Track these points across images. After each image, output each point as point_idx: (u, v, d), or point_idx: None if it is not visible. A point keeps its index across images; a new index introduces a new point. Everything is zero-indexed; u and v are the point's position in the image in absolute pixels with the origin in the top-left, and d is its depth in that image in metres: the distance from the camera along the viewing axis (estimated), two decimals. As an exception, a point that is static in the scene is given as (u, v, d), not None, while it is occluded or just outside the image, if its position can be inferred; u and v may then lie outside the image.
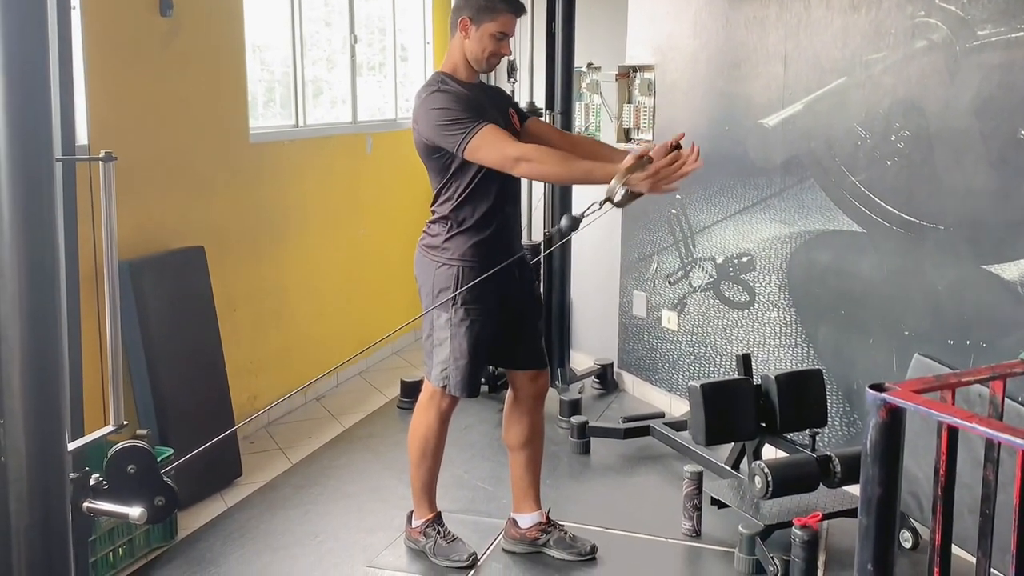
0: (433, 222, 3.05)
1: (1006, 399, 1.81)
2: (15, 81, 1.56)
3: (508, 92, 3.84)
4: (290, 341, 4.69)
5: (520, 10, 3.02)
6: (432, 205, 3.06)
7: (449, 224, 2.99)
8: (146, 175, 3.65)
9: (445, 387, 3.07)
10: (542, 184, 4.82)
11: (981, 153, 3.13)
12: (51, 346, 1.70)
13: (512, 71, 5.00)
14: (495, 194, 2.97)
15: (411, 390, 4.77)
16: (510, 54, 3.04)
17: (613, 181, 2.56)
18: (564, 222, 2.59)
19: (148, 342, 3.56)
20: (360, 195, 5.34)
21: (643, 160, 2.57)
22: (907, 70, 3.36)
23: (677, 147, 2.82)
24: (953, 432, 1.34)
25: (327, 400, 4.92)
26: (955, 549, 1.70)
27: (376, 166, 5.46)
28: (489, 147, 2.79)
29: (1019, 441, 1.20)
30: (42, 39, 1.60)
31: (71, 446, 1.82)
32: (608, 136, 4.98)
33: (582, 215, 2.55)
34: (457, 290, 2.95)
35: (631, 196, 2.60)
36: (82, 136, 3.25)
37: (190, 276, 3.88)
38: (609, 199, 2.56)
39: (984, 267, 3.13)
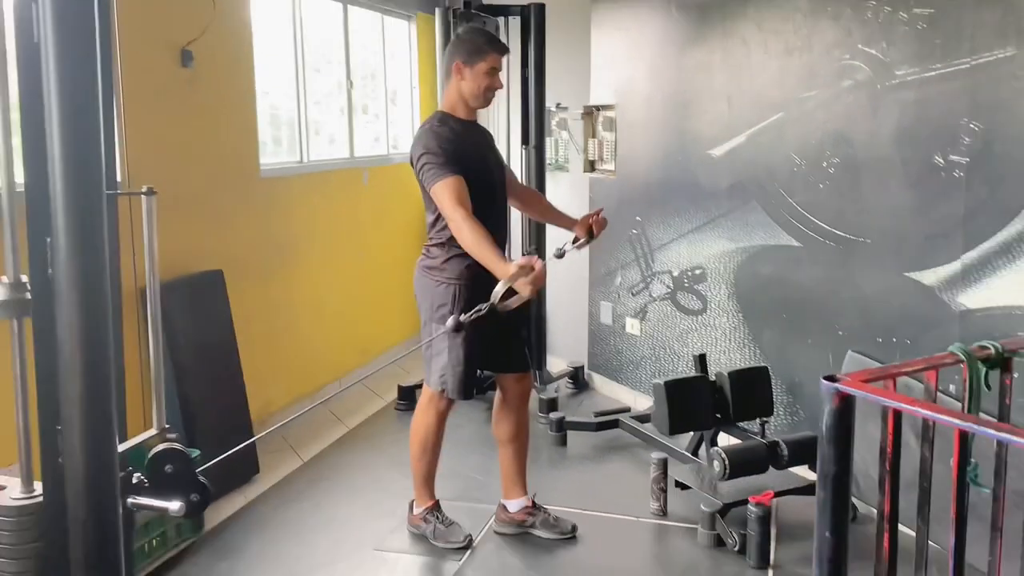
0: (432, 246, 3.05)
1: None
2: (71, 129, 1.58)
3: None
4: (299, 352, 4.67)
5: (504, 49, 3.05)
6: (429, 232, 3.06)
7: (447, 248, 2.99)
8: (171, 207, 3.61)
9: (443, 391, 3.06)
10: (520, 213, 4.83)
11: (901, 177, 3.19)
12: (102, 360, 1.70)
13: None
14: (486, 222, 2.97)
15: (407, 394, 4.77)
16: (502, 87, 3.06)
17: (499, 286, 2.58)
18: (449, 322, 2.63)
19: (175, 355, 3.54)
20: (359, 222, 5.34)
21: (526, 268, 2.59)
22: (835, 106, 3.43)
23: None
24: (898, 415, 1.37)
25: (332, 404, 4.89)
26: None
27: (372, 196, 5.46)
28: (442, 197, 2.83)
29: (956, 421, 1.24)
30: (93, 95, 1.61)
31: (120, 448, 1.82)
32: (576, 166, 5.03)
33: (470, 315, 2.56)
34: (454, 306, 2.95)
35: (513, 298, 2.59)
36: (117, 172, 3.23)
37: (211, 296, 3.86)
38: (492, 302, 2.56)
39: (906, 274, 3.19)
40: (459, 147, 2.91)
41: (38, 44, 1.58)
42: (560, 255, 3.06)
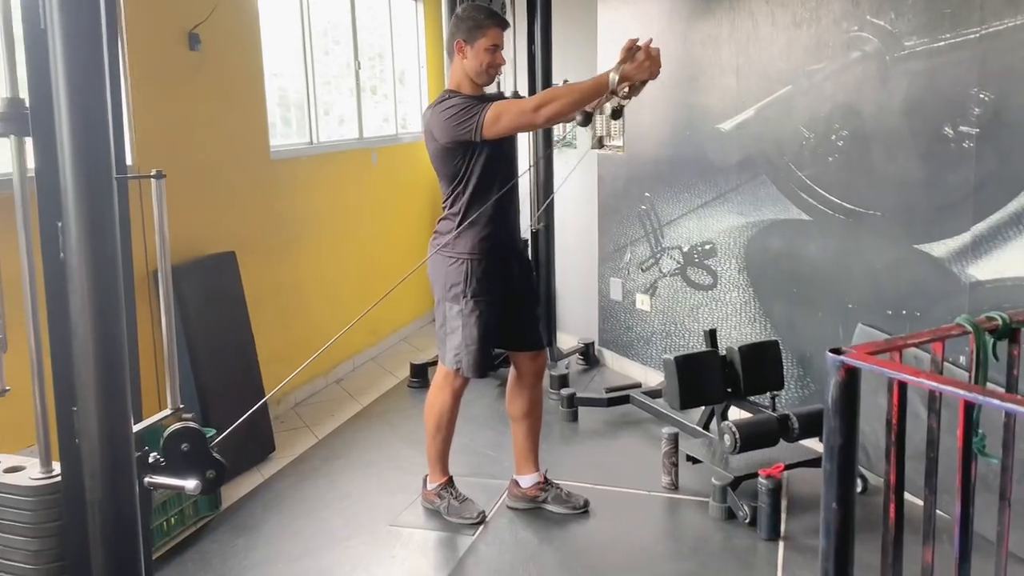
0: (443, 219, 3.04)
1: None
2: (79, 114, 1.58)
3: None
4: (311, 331, 4.69)
5: (504, 24, 3.02)
6: (444, 203, 3.04)
7: (458, 222, 2.97)
8: (182, 190, 3.63)
9: (458, 369, 3.07)
10: (528, 182, 4.82)
11: (911, 148, 3.16)
12: (116, 341, 1.72)
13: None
14: (501, 189, 2.95)
15: (419, 371, 4.79)
16: (504, 63, 3.02)
17: (611, 75, 2.57)
18: (579, 117, 2.62)
19: (190, 336, 3.56)
20: (368, 202, 5.34)
21: (632, 50, 2.55)
22: (844, 78, 3.39)
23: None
24: (903, 387, 1.37)
25: (345, 382, 4.93)
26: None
27: (381, 176, 5.46)
28: (506, 113, 2.77)
29: (960, 392, 1.23)
30: (100, 80, 1.61)
31: (135, 428, 1.84)
32: (583, 143, 5.00)
33: (593, 109, 2.59)
34: (467, 284, 2.95)
35: (633, 88, 2.61)
36: (127, 157, 3.25)
37: (223, 278, 3.88)
38: (613, 91, 2.54)
39: (916, 247, 3.17)
40: (479, 100, 2.89)
41: (44, 31, 1.58)
42: (616, 116, 2.77)
